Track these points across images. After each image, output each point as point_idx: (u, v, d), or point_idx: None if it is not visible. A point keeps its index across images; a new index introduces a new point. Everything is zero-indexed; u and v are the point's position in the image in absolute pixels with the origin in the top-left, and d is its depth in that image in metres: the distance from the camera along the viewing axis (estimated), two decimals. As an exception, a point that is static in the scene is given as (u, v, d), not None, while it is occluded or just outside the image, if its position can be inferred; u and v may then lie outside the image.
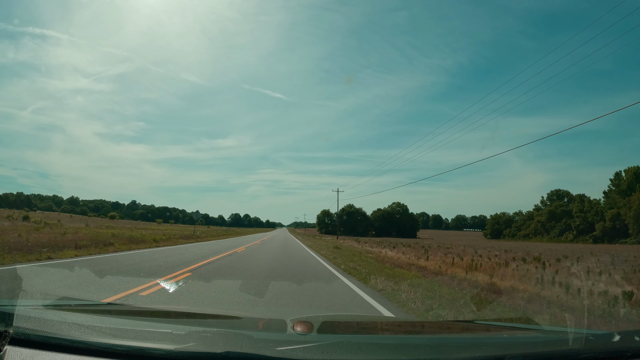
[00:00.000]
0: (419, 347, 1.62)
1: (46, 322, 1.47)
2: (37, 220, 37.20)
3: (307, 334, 1.71)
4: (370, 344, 1.62)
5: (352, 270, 11.94)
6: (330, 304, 6.49)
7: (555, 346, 1.58)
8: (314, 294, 7.28)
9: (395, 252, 23.68)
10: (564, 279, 10.96)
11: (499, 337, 1.89)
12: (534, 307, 6.76)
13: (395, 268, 13.45)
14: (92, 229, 27.87)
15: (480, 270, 13.43)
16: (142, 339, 1.42)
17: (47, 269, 9.02)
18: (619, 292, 7.88)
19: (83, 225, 34.77)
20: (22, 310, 1.55)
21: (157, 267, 10.51)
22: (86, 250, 13.77)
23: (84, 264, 10.15)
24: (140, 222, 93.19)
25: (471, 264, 16.00)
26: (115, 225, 44.70)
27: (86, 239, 16.85)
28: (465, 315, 5.73)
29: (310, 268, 12.76)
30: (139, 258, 12.77)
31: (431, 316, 5.71)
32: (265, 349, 1.34)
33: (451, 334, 2.15)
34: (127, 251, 15.59)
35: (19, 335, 1.37)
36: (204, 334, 1.53)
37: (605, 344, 1.54)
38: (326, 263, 14.84)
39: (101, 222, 56.55)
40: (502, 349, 1.51)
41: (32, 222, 33.56)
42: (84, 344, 1.35)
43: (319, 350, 1.38)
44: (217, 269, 10.80)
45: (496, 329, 2.30)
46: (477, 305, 6.49)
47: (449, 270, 13.19)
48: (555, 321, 5.34)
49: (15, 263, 9.59)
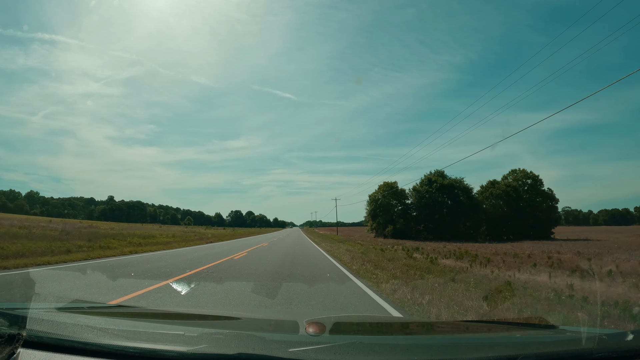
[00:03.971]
0: (431, 347, 1.61)
1: (59, 325, 1.49)
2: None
3: (319, 335, 1.70)
4: (382, 344, 1.62)
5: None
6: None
7: (569, 346, 1.56)
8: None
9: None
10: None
11: (512, 337, 1.88)
12: None
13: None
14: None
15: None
16: (155, 340, 1.43)
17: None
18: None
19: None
20: (35, 313, 1.57)
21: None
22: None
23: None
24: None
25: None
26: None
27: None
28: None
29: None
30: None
31: None
32: (278, 350, 1.34)
33: (463, 334, 2.13)
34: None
35: (32, 337, 1.39)
36: (216, 336, 1.53)
37: (618, 343, 1.52)
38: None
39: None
40: (515, 348, 1.49)
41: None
42: (96, 346, 1.36)
43: (331, 351, 1.37)
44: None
45: (509, 328, 2.28)
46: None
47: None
48: (568, 321, 5.22)
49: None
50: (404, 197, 60.41)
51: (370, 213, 62.55)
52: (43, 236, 18.84)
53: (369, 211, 63.04)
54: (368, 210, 63.42)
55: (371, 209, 62.14)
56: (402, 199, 60.31)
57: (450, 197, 55.60)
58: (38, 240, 16.43)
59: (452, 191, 55.28)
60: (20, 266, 9.73)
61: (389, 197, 60.59)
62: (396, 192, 60.26)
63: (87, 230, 27.07)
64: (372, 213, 61.78)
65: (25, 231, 20.75)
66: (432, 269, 12.07)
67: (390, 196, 60.53)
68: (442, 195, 55.49)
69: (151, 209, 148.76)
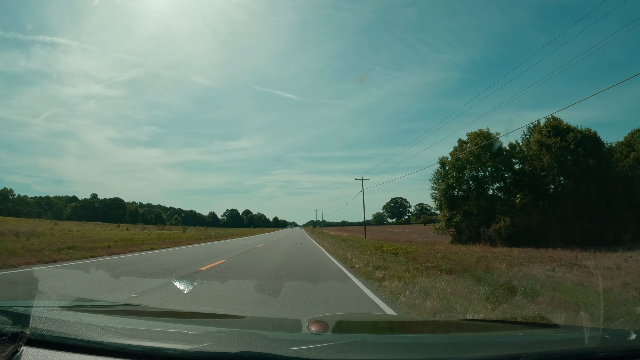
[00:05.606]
0: (434, 346, 1.61)
1: (62, 323, 1.49)
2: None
3: (322, 333, 1.70)
4: (385, 343, 1.62)
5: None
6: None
7: (571, 345, 1.56)
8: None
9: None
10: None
11: (514, 336, 1.88)
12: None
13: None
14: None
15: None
16: (158, 339, 1.43)
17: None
18: None
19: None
20: (38, 312, 1.57)
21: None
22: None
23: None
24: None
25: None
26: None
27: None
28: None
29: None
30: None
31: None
32: (280, 349, 1.34)
33: (466, 333, 2.13)
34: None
35: (35, 336, 1.39)
36: (219, 334, 1.53)
37: (621, 343, 1.52)
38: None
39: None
40: (517, 347, 1.49)
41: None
42: (99, 345, 1.37)
43: (334, 349, 1.38)
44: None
45: (511, 327, 2.28)
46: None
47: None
48: (571, 320, 5.18)
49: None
50: (510, 163, 29.58)
51: (445, 195, 30.78)
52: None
53: (442, 191, 31.20)
54: (440, 190, 31.49)
55: (445, 189, 30.78)
56: (509, 165, 29.47)
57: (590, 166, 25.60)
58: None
59: (594, 153, 26.26)
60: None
61: (485, 161, 29.11)
62: (501, 152, 29.19)
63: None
64: (449, 197, 30.59)
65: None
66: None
67: (491, 160, 28.89)
68: (586, 159, 25.77)
69: (132, 207, 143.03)
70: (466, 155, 30.02)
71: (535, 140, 28.42)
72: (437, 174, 32.70)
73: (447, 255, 15.63)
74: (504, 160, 29.56)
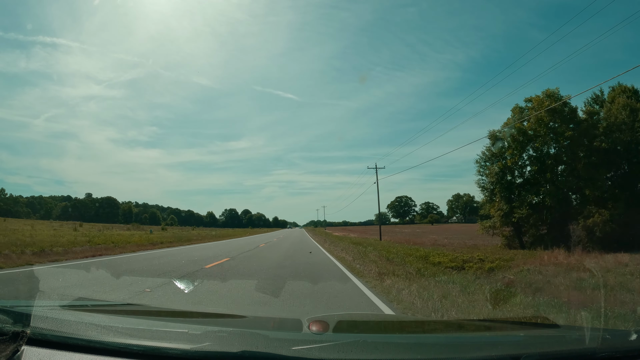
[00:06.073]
0: (434, 346, 1.60)
1: (63, 323, 1.49)
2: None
3: (322, 333, 1.70)
4: (386, 343, 1.62)
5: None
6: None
7: (572, 345, 1.56)
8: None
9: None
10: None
11: (515, 336, 1.87)
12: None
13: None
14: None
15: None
16: (158, 338, 1.43)
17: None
18: None
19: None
20: (39, 311, 1.57)
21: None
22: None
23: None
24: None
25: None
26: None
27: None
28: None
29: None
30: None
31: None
32: (281, 349, 1.34)
33: (467, 333, 2.13)
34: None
35: (36, 335, 1.39)
36: (220, 334, 1.54)
37: (622, 343, 1.52)
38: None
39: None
40: (518, 347, 1.49)
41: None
42: (100, 344, 1.37)
43: (334, 349, 1.37)
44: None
45: (512, 327, 2.28)
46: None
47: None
48: (572, 320, 5.16)
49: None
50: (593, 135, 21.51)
51: (501, 182, 23.12)
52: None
53: (494, 176, 23.36)
54: (491, 174, 23.73)
55: (500, 173, 23.27)
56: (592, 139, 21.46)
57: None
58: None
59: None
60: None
61: (563, 131, 21.41)
62: (579, 121, 22.08)
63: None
64: (506, 184, 23.04)
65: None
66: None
67: (570, 132, 21.24)
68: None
69: (125, 207, 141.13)
70: (532, 124, 21.40)
71: (621, 105, 21.08)
72: (486, 153, 23.69)
73: (563, 275, 8.85)
74: (586, 131, 21.28)
